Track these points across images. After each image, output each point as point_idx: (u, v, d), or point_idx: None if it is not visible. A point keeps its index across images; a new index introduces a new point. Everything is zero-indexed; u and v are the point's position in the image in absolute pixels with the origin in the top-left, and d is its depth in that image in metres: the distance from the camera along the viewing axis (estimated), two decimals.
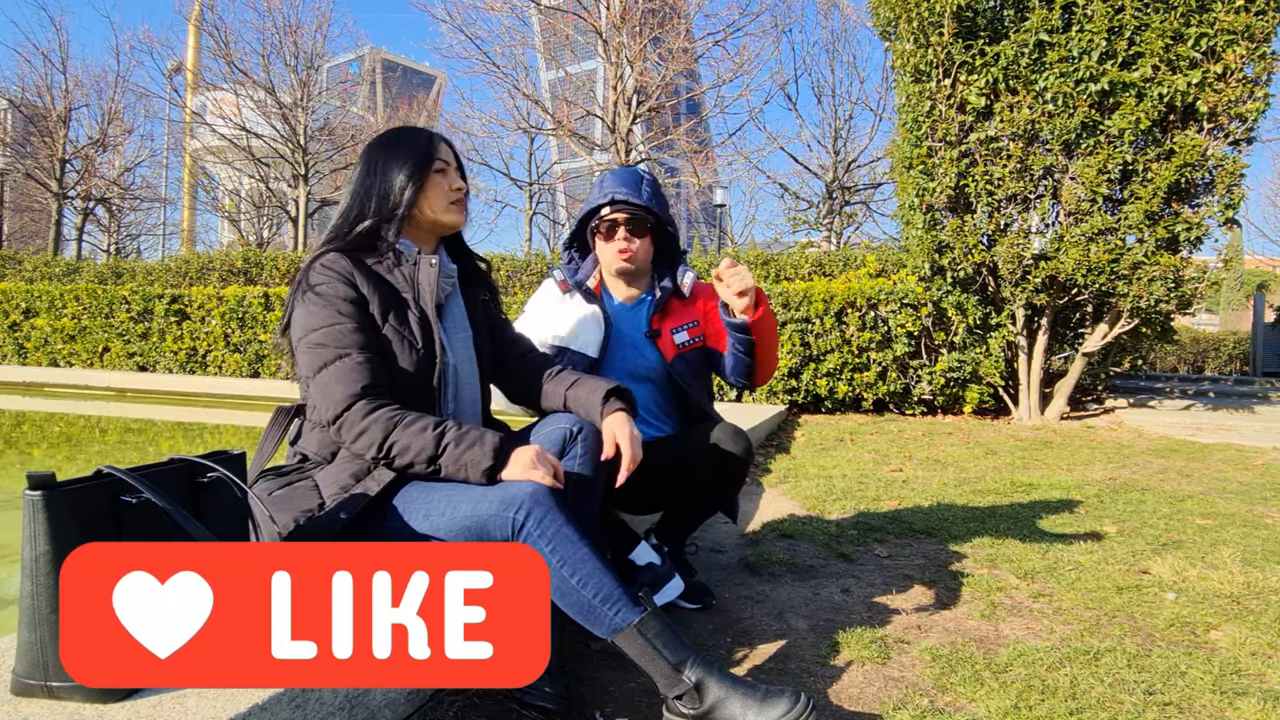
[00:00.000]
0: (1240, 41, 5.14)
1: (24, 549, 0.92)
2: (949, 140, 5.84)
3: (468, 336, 1.60)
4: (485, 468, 1.32)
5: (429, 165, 1.53)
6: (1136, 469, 4.10)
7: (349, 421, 1.32)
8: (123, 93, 22.10)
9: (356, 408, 1.32)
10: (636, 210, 1.96)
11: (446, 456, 1.32)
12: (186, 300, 8.96)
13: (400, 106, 28.76)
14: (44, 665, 0.93)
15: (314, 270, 1.41)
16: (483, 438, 1.34)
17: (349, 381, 1.33)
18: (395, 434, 1.31)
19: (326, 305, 1.37)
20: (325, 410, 1.34)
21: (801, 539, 2.59)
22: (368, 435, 1.32)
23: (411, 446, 1.32)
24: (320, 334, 1.35)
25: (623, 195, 1.94)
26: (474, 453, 1.33)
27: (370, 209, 1.50)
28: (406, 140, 1.55)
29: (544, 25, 17.91)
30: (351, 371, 1.33)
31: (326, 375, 1.34)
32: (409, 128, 1.60)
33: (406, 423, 1.33)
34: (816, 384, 6.42)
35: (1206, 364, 16.33)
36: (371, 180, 1.51)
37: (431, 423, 1.34)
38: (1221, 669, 1.58)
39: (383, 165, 1.52)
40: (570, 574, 1.27)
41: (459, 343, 1.57)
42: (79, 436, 5.85)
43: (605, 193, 1.97)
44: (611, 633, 1.28)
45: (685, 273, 2.08)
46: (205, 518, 1.07)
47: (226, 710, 0.93)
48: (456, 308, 1.61)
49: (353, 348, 1.35)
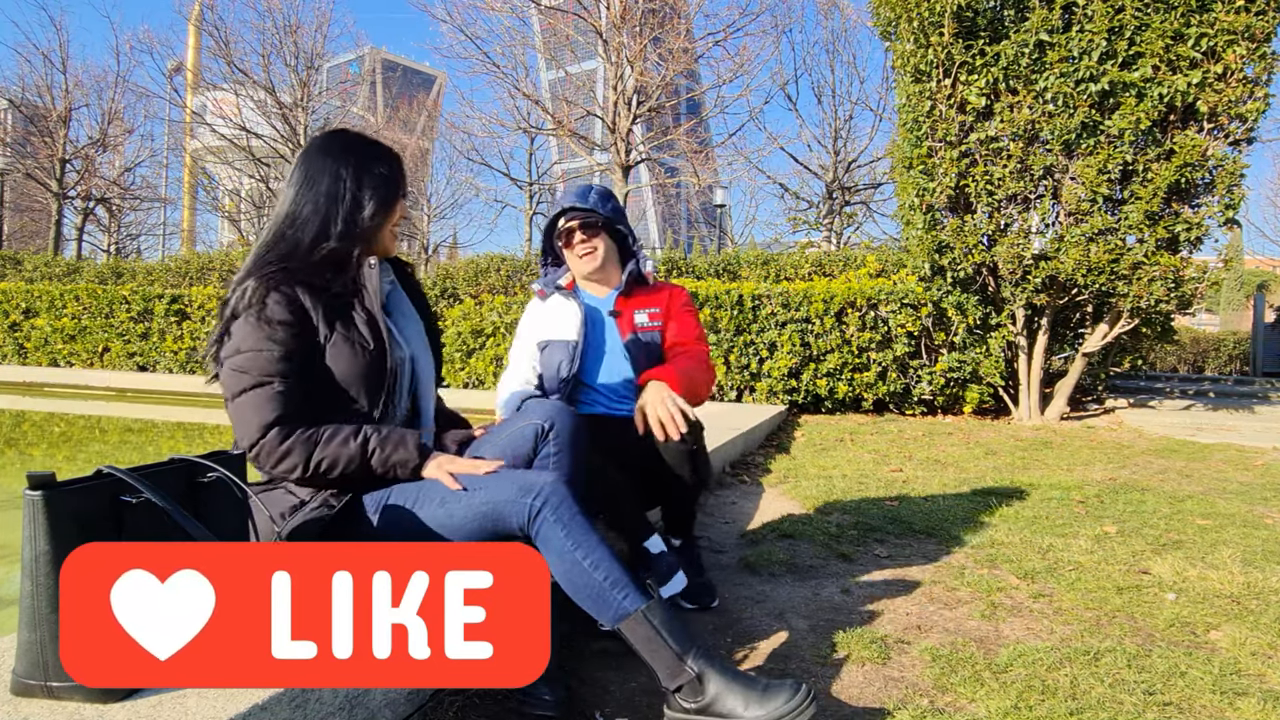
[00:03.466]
0: (1240, 41, 5.14)
1: (24, 549, 0.92)
2: (949, 140, 5.84)
3: (419, 328, 1.61)
4: (414, 465, 1.39)
5: (397, 193, 1.50)
6: (1136, 469, 4.09)
7: (266, 449, 1.32)
8: (123, 93, 22.11)
9: (271, 436, 1.32)
10: (585, 214, 2.14)
11: (375, 459, 1.36)
12: (186, 300, 8.96)
13: (400, 106, 28.77)
14: (44, 665, 0.93)
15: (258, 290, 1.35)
16: (404, 438, 1.39)
17: (264, 410, 1.32)
18: (318, 451, 1.33)
19: (259, 328, 1.33)
20: (242, 438, 1.34)
21: (801, 539, 2.59)
22: (290, 459, 1.32)
23: (339, 459, 1.34)
24: (245, 358, 1.33)
25: (570, 203, 2.15)
26: (400, 453, 1.38)
27: (335, 230, 1.43)
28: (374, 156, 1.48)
29: (544, 25, 17.91)
30: (269, 400, 1.32)
31: (244, 401, 1.33)
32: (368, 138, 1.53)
33: (326, 438, 1.34)
34: (816, 384, 6.42)
35: (1206, 364, 16.32)
36: (336, 194, 1.44)
37: (351, 432, 1.36)
38: (1221, 669, 1.58)
39: (351, 182, 1.45)
40: (583, 558, 1.30)
41: (412, 335, 1.57)
42: (79, 436, 5.85)
43: (558, 207, 2.18)
44: (618, 618, 1.29)
45: (645, 261, 2.24)
46: (205, 518, 1.07)
47: (226, 710, 0.93)
48: (401, 300, 1.61)
49: (274, 376, 1.33)
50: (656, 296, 2.23)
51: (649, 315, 2.19)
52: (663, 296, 2.24)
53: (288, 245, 1.42)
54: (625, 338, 2.15)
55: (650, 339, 2.16)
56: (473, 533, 1.38)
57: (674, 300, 2.24)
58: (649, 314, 2.19)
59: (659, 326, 2.19)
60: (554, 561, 1.33)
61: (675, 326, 2.20)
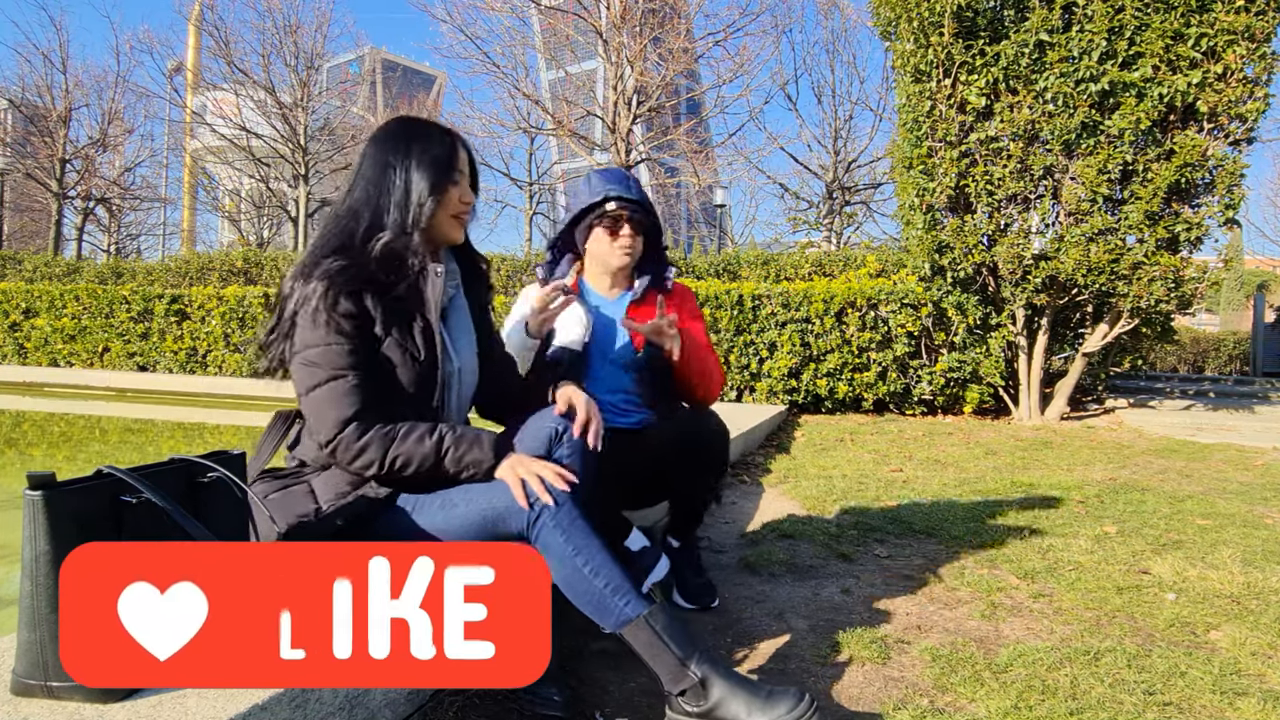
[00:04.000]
0: (1240, 41, 5.14)
1: (24, 549, 0.92)
2: (949, 140, 5.84)
3: (472, 339, 1.59)
4: (488, 466, 1.36)
5: (450, 175, 1.44)
6: (1136, 469, 4.10)
7: (343, 444, 1.31)
8: (123, 93, 22.14)
9: (349, 431, 1.31)
10: (637, 208, 2.00)
11: (449, 459, 1.34)
12: (186, 300, 8.96)
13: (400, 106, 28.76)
14: (44, 665, 0.93)
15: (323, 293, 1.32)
16: (479, 438, 1.37)
17: (342, 405, 1.31)
18: (394, 448, 1.32)
19: (327, 321, 1.31)
20: (319, 432, 1.33)
21: (801, 539, 2.59)
22: (366, 455, 1.31)
23: (414, 457, 1.33)
24: (316, 352, 1.32)
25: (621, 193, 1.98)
26: (475, 453, 1.35)
27: (389, 219, 1.40)
28: (425, 138, 1.44)
29: (544, 25, 17.91)
30: (345, 395, 1.31)
31: (319, 395, 1.32)
32: (425, 121, 1.49)
33: (403, 435, 1.33)
34: (816, 384, 6.42)
35: (1206, 364, 16.32)
36: (387, 183, 1.41)
37: (426, 430, 1.35)
38: (1221, 669, 1.58)
39: (400, 168, 1.41)
40: (583, 564, 1.29)
41: (464, 346, 1.55)
42: (79, 436, 5.85)
43: (599, 190, 1.99)
44: (620, 624, 1.28)
45: (669, 269, 2.14)
46: (205, 518, 1.07)
47: (226, 710, 0.93)
48: (460, 310, 1.58)
49: (348, 369, 1.32)
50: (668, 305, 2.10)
51: None
52: (674, 303, 2.14)
53: (342, 238, 1.40)
54: (639, 349, 2.03)
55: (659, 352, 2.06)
56: (473, 537, 1.37)
57: (684, 307, 2.14)
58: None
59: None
60: (554, 567, 1.32)
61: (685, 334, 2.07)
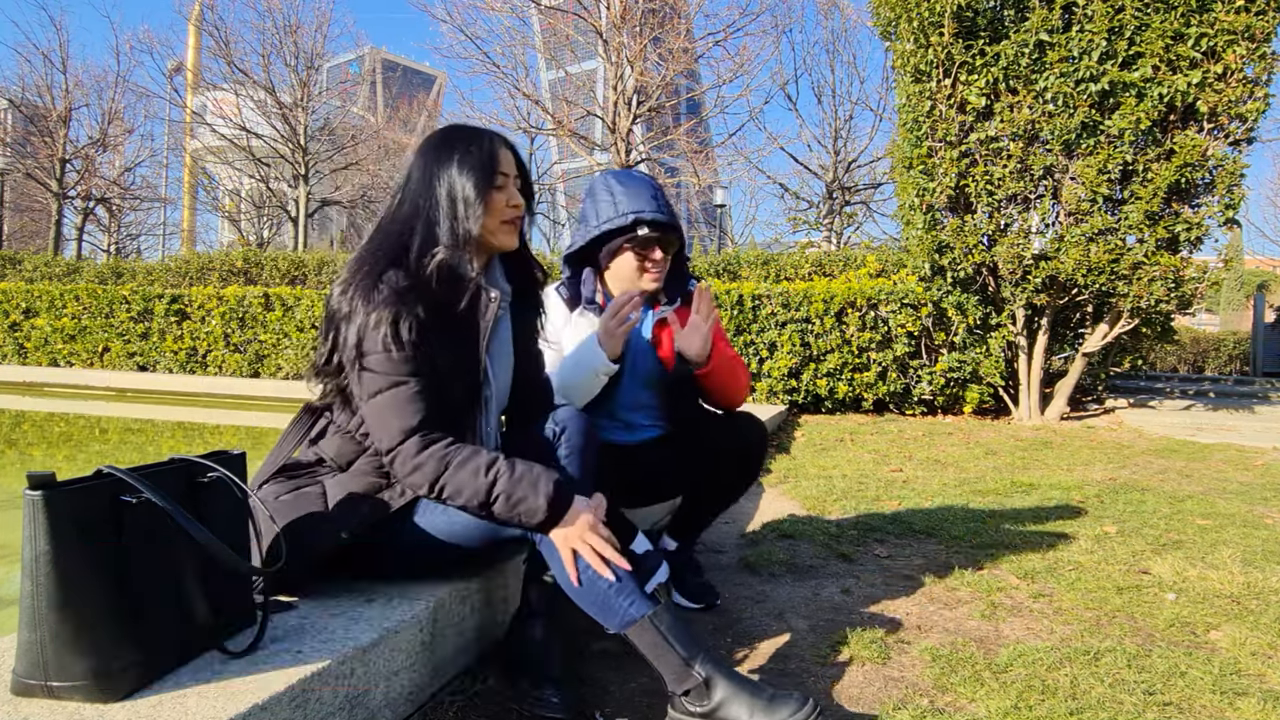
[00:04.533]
0: (1240, 41, 5.13)
1: (24, 549, 0.92)
2: (949, 140, 5.84)
3: (509, 364, 1.56)
4: (539, 520, 1.30)
5: (492, 179, 1.39)
6: (1136, 469, 4.09)
7: (403, 455, 1.28)
8: (123, 93, 22.15)
9: (410, 443, 1.28)
10: (670, 232, 1.90)
11: (499, 505, 1.29)
12: (186, 300, 8.96)
13: (400, 106, 28.78)
14: (44, 665, 0.93)
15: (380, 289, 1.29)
16: (536, 485, 1.29)
17: (405, 414, 1.28)
18: (446, 475, 1.28)
19: (387, 339, 1.27)
20: (380, 440, 1.31)
21: (801, 539, 2.59)
22: (419, 474, 1.28)
23: (463, 490, 1.28)
24: (375, 359, 1.28)
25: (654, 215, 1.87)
26: (527, 505, 1.29)
27: (442, 234, 1.36)
28: (465, 143, 1.40)
29: (544, 25, 17.91)
30: (408, 403, 1.28)
31: (381, 402, 1.29)
32: (468, 127, 1.45)
33: (459, 463, 1.28)
34: (816, 384, 6.42)
35: (1206, 364, 16.32)
36: (434, 195, 1.37)
37: (484, 465, 1.28)
38: (1221, 669, 1.58)
39: (444, 177, 1.37)
40: (587, 565, 1.29)
41: (500, 371, 1.52)
42: (79, 436, 5.85)
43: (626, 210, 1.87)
44: (624, 624, 1.28)
45: (692, 282, 2.05)
46: (206, 518, 1.07)
47: (226, 710, 0.93)
48: (504, 333, 1.54)
49: (410, 376, 1.29)
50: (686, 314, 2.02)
51: None
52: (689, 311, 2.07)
53: (396, 252, 1.35)
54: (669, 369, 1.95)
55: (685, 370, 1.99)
56: (475, 538, 1.37)
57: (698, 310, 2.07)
58: None
59: None
60: (557, 567, 1.33)
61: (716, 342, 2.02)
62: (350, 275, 1.33)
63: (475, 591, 1.53)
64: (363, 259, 1.36)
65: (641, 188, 1.92)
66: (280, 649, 1.12)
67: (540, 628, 1.44)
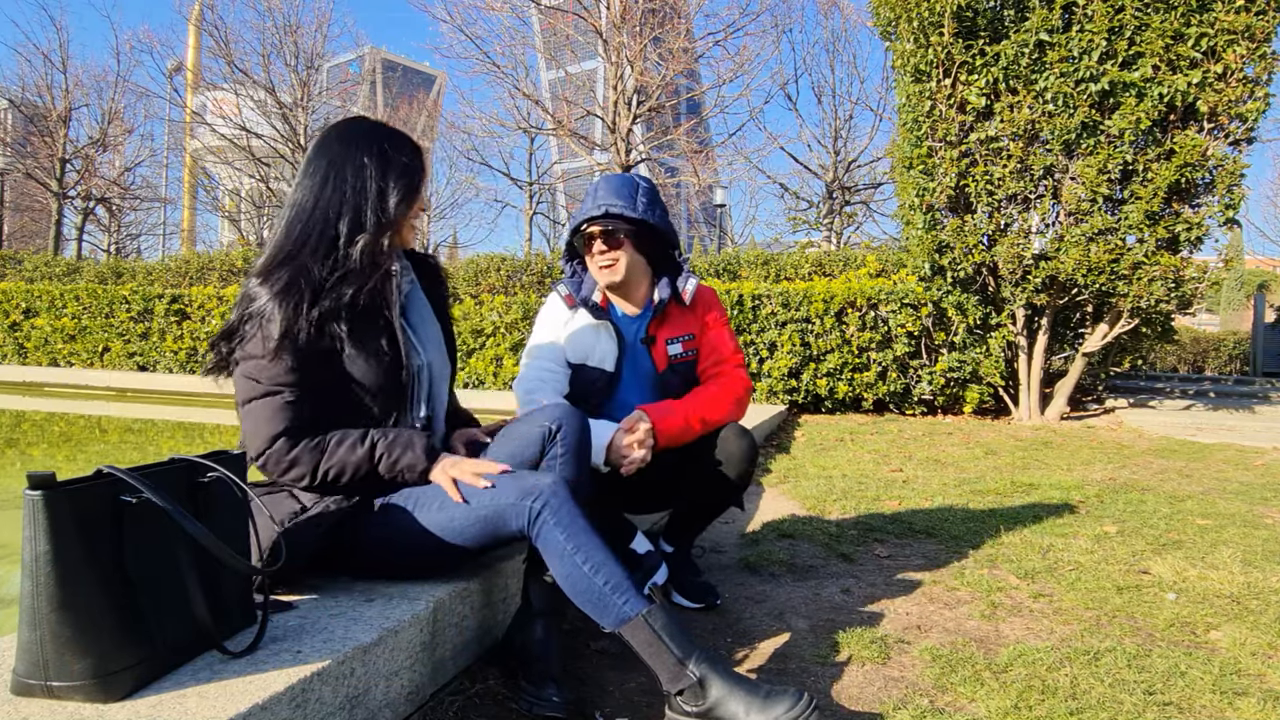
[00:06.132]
0: (1240, 41, 5.13)
1: (24, 549, 0.92)
2: (949, 140, 5.84)
3: (438, 333, 1.60)
4: (421, 469, 1.39)
5: (420, 184, 1.47)
6: (1136, 469, 4.09)
7: (273, 458, 1.33)
8: (123, 92, 22.13)
9: (279, 446, 1.32)
10: (613, 221, 1.89)
11: (383, 465, 1.37)
12: (186, 300, 8.96)
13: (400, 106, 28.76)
14: (44, 665, 0.93)
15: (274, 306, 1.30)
16: (411, 442, 1.39)
17: (275, 420, 1.32)
18: (325, 460, 1.34)
19: (272, 340, 1.29)
20: (250, 446, 1.33)
21: (801, 539, 2.59)
22: (296, 469, 1.33)
23: (347, 466, 1.35)
24: (254, 365, 1.31)
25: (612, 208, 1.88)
26: (408, 457, 1.39)
27: (367, 221, 1.40)
28: (398, 146, 1.45)
29: (544, 25, 17.92)
30: (278, 410, 1.32)
31: (253, 409, 1.33)
32: (388, 126, 1.51)
33: (332, 446, 1.35)
34: (816, 384, 6.42)
35: (1206, 364, 16.32)
36: (362, 186, 1.40)
37: (357, 438, 1.37)
38: (1221, 669, 1.58)
39: (375, 171, 1.41)
40: (583, 561, 1.30)
41: (429, 339, 1.56)
42: (79, 436, 5.85)
43: (597, 204, 1.90)
44: (619, 622, 1.28)
45: (688, 279, 2.03)
46: (205, 518, 1.07)
47: (226, 710, 0.93)
48: (420, 305, 1.58)
49: (285, 386, 1.32)
50: (690, 317, 2.03)
51: (683, 345, 2.00)
52: (696, 315, 2.04)
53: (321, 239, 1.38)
54: (661, 369, 1.97)
55: (685, 369, 2.01)
56: (473, 536, 1.37)
57: (706, 314, 2.06)
58: (683, 342, 2.00)
59: (692, 357, 2.02)
60: (554, 564, 1.33)
61: (708, 344, 2.02)
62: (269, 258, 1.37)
63: (475, 591, 1.53)
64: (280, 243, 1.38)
65: (619, 185, 1.93)
66: (280, 649, 1.12)
67: (540, 627, 1.44)
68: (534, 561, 1.44)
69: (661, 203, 1.97)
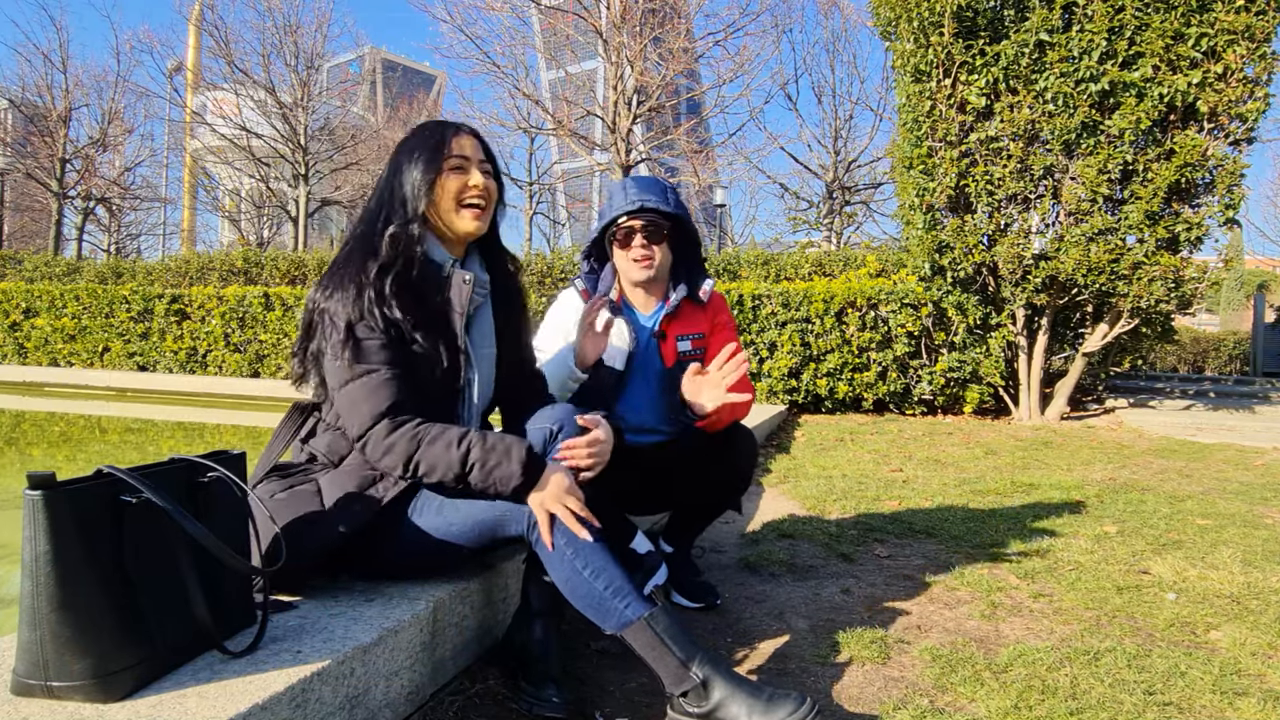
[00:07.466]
0: (1240, 41, 5.13)
1: (24, 549, 0.92)
2: (949, 140, 5.84)
3: (491, 352, 1.58)
4: (515, 485, 1.31)
5: (441, 160, 1.44)
6: (1136, 469, 4.09)
7: (374, 439, 1.31)
8: (123, 92, 22.13)
9: (381, 426, 1.31)
10: (654, 216, 1.92)
11: (475, 475, 1.31)
12: (186, 300, 8.95)
13: (400, 106, 28.77)
14: (44, 665, 0.93)
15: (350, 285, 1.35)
16: (509, 452, 1.31)
17: (375, 399, 1.31)
18: (419, 453, 1.31)
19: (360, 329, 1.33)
20: (351, 427, 1.33)
21: (801, 539, 2.59)
22: (392, 455, 1.31)
23: (437, 465, 1.31)
24: (334, 353, 1.33)
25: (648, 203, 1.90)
26: (502, 470, 1.31)
27: (396, 212, 1.43)
28: (421, 133, 1.48)
29: (544, 25, 17.92)
30: (378, 389, 1.32)
31: (352, 390, 1.32)
32: (431, 120, 1.53)
33: (429, 440, 1.31)
34: (816, 384, 6.42)
35: (1206, 364, 16.32)
36: (395, 184, 1.45)
37: (455, 438, 1.31)
38: (1221, 669, 1.58)
39: (404, 162, 1.45)
40: (583, 566, 1.30)
41: (482, 358, 1.54)
42: (79, 436, 5.85)
43: (619, 204, 1.92)
44: (621, 626, 1.28)
45: (706, 281, 2.05)
46: (205, 518, 1.07)
47: (226, 710, 0.93)
48: (485, 320, 1.57)
49: (381, 364, 1.33)
50: (703, 316, 2.06)
51: (692, 342, 2.03)
52: (708, 315, 2.07)
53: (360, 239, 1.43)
54: (669, 365, 1.98)
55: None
56: (473, 539, 1.37)
57: (717, 316, 2.08)
58: (692, 340, 2.03)
59: (700, 355, 2.03)
60: (554, 569, 1.32)
61: (717, 345, 2.03)
62: (328, 274, 1.40)
63: (475, 591, 1.53)
64: (338, 260, 1.42)
65: (645, 184, 1.95)
66: (280, 649, 1.12)
67: (540, 627, 1.44)
68: (534, 561, 1.44)
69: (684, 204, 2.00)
